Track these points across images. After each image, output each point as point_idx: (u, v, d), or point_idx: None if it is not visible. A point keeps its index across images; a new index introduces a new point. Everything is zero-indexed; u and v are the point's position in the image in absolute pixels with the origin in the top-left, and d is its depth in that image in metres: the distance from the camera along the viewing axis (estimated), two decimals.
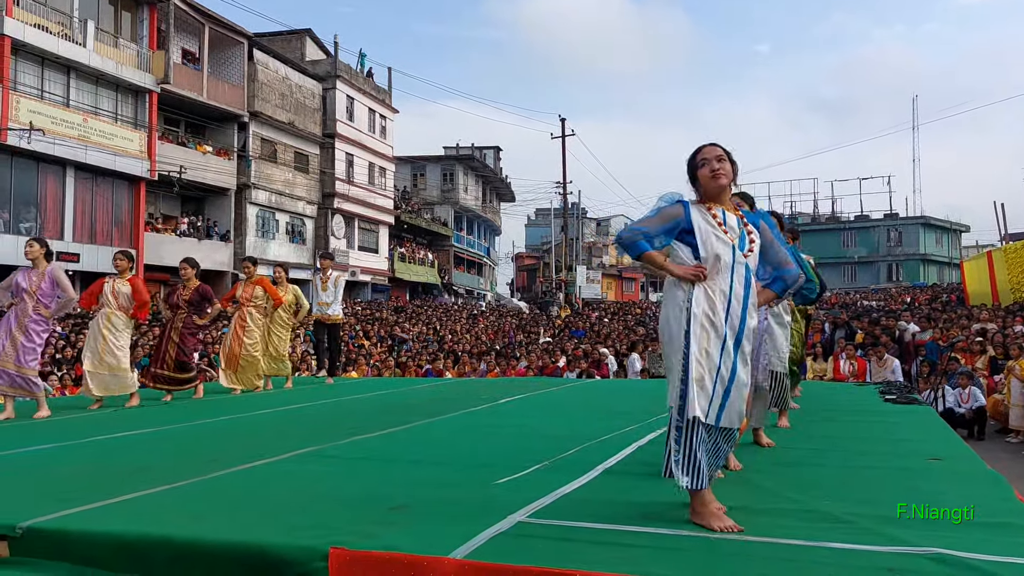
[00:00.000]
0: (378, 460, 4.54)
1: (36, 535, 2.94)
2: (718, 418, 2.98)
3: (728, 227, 3.12)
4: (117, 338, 7.61)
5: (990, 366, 12.00)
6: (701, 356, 2.98)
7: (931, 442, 5.01)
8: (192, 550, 2.76)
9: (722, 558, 2.57)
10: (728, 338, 3.01)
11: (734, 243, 3.09)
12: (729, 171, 3.17)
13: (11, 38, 21.21)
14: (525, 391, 8.68)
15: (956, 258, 51.78)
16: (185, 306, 8.27)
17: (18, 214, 22.45)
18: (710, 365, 2.97)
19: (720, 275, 3.06)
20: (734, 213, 3.19)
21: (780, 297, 3.36)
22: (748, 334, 3.07)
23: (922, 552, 2.58)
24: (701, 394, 2.95)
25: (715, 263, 3.07)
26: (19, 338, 6.80)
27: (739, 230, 3.14)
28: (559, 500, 3.37)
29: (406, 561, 2.54)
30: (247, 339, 9.09)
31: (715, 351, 2.99)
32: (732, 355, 3.01)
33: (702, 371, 2.97)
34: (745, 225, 3.17)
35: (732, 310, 3.03)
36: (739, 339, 3.04)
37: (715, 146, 3.21)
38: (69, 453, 4.91)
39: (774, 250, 3.21)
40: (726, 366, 2.99)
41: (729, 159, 3.20)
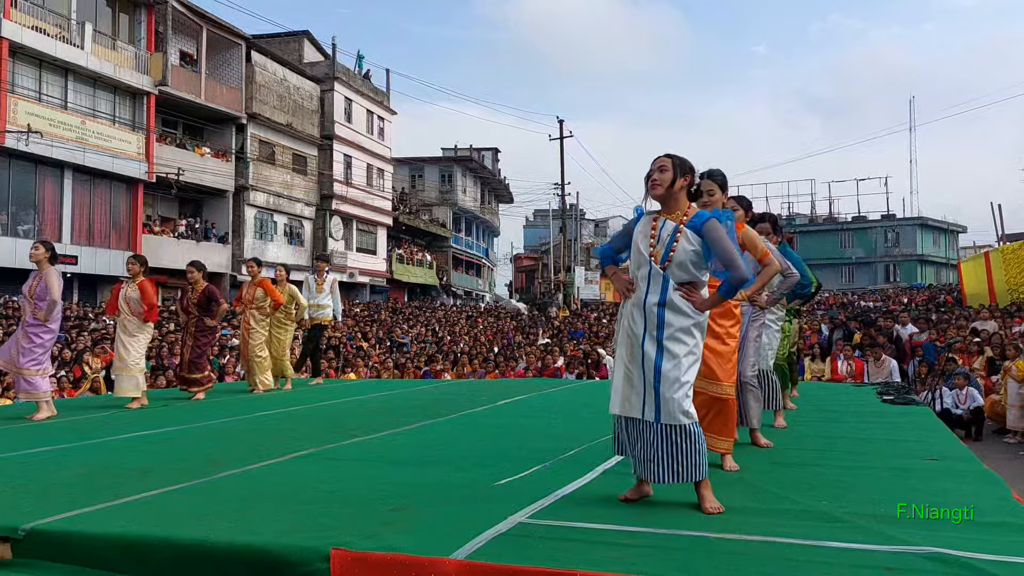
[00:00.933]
0: (379, 461, 4.56)
1: (39, 537, 2.96)
2: (657, 416, 3.21)
3: (660, 238, 3.29)
4: (128, 342, 7.75)
5: (988, 367, 12.02)
6: (627, 359, 3.32)
7: (929, 442, 5.04)
8: (195, 551, 2.77)
9: (721, 558, 2.59)
10: (647, 342, 3.24)
11: (655, 254, 3.27)
12: (665, 180, 3.31)
13: (9, 40, 21.21)
14: (524, 392, 8.70)
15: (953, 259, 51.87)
16: (194, 309, 8.48)
17: (16, 216, 22.43)
18: (635, 366, 3.28)
19: (640, 285, 3.32)
20: (677, 221, 3.29)
21: (727, 299, 3.42)
22: (672, 335, 3.21)
23: (919, 551, 2.60)
24: (628, 394, 3.30)
25: (636, 275, 3.34)
26: (22, 341, 6.91)
27: (668, 240, 3.26)
28: (559, 500, 3.40)
29: (407, 562, 2.56)
30: (252, 340, 9.29)
31: (638, 353, 3.27)
32: (654, 356, 3.22)
33: (629, 373, 3.31)
34: (679, 232, 3.25)
35: (649, 316, 3.25)
36: (660, 341, 3.22)
37: (662, 157, 3.38)
38: (71, 455, 4.92)
39: (716, 248, 3.25)
40: (649, 367, 3.22)
41: (675, 169, 3.31)
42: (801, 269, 5.46)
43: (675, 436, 3.19)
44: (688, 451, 3.19)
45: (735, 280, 3.24)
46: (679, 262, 3.24)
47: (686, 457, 3.19)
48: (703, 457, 3.21)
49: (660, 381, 3.19)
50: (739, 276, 3.23)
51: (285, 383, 9.84)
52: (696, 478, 3.20)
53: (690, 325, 3.24)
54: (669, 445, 3.20)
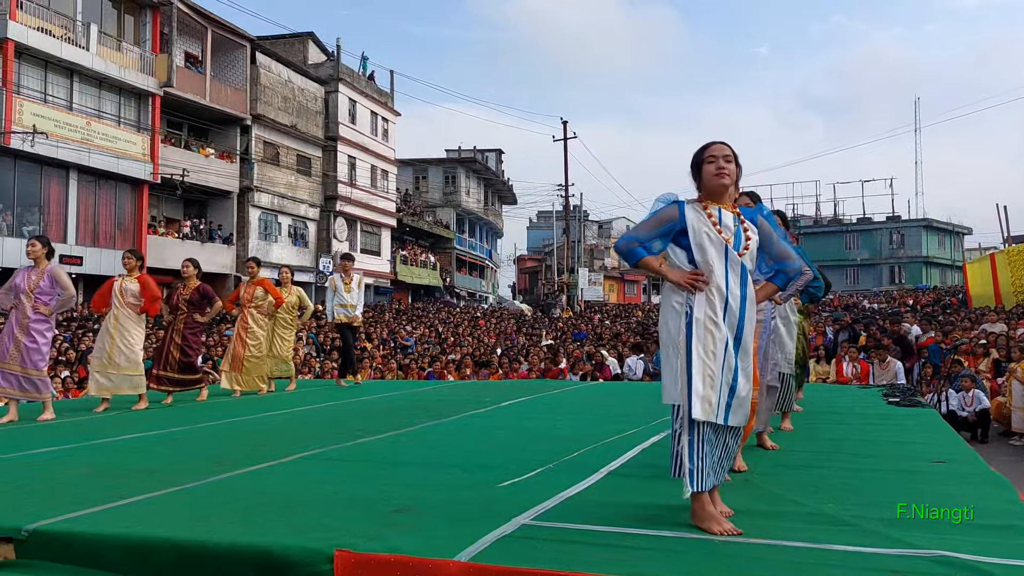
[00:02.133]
0: (382, 462, 4.55)
1: (42, 538, 2.95)
2: (726, 417, 3.00)
3: (723, 226, 3.11)
4: (126, 336, 7.59)
5: (994, 368, 11.98)
6: (708, 358, 3.00)
7: (935, 444, 5.01)
8: (198, 552, 2.76)
9: (725, 561, 2.58)
10: (729, 338, 3.04)
11: (728, 242, 3.08)
12: (734, 172, 3.17)
13: (14, 42, 21.26)
14: (528, 394, 8.69)
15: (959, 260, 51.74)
16: (185, 306, 8.25)
17: (22, 217, 22.49)
18: (716, 366, 3.00)
19: (716, 275, 3.06)
20: (731, 211, 3.17)
21: (782, 290, 3.34)
22: (748, 331, 3.08)
23: (926, 555, 2.58)
24: (707, 395, 2.96)
25: (710, 264, 3.07)
26: (22, 339, 6.72)
27: (735, 228, 3.12)
28: (563, 503, 3.38)
29: (411, 563, 2.55)
30: (250, 341, 9.09)
31: (720, 351, 3.01)
32: (734, 354, 3.04)
33: (709, 372, 2.99)
34: (742, 223, 3.15)
35: (730, 309, 3.05)
36: (739, 337, 3.06)
37: (724, 145, 3.21)
38: (74, 456, 4.91)
39: (774, 244, 3.20)
40: (729, 365, 3.01)
41: (736, 161, 3.20)
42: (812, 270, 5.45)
43: (730, 439, 3.09)
44: (732, 453, 3.14)
45: (792, 270, 3.19)
46: (752, 252, 3.13)
47: (728, 461, 3.13)
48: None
49: (737, 381, 3.02)
50: (797, 266, 3.19)
51: (288, 384, 9.82)
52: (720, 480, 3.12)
53: (758, 320, 3.19)
54: (726, 449, 3.08)
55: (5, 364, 6.74)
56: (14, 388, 6.75)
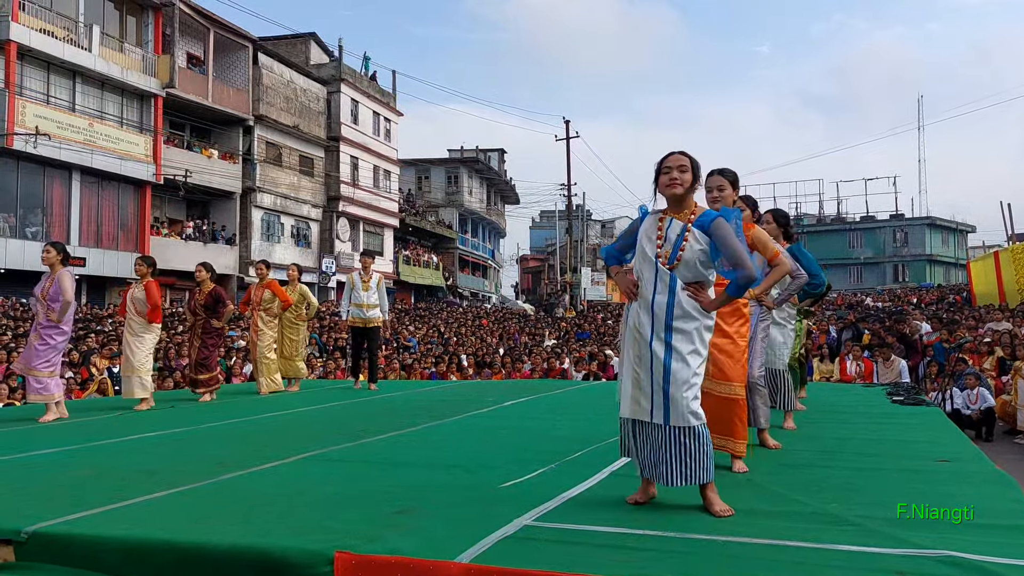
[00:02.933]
0: (384, 463, 4.53)
1: (42, 540, 2.94)
2: (665, 418, 3.16)
3: (666, 238, 3.24)
4: (134, 343, 7.77)
5: (998, 367, 11.93)
6: (635, 362, 3.26)
7: (939, 443, 4.98)
8: (198, 554, 2.75)
9: (729, 561, 2.55)
10: (655, 343, 3.19)
11: (662, 255, 3.22)
12: (687, 181, 3.25)
13: (17, 43, 21.30)
14: (530, 393, 8.67)
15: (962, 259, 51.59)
16: (201, 310, 8.47)
17: (25, 219, 22.53)
18: (643, 369, 3.22)
19: (646, 285, 3.26)
20: (684, 220, 3.24)
21: (733, 298, 3.36)
22: (680, 336, 3.17)
23: (932, 555, 2.56)
24: (635, 395, 3.26)
25: (642, 275, 3.28)
26: (35, 343, 6.89)
27: (675, 240, 3.21)
28: (565, 503, 3.36)
29: (412, 565, 2.53)
30: (260, 342, 9.26)
31: (645, 356, 3.21)
32: (663, 357, 3.17)
33: (635, 375, 3.26)
34: (688, 231, 3.21)
35: (657, 317, 3.21)
36: (668, 342, 3.18)
37: (680, 155, 3.30)
38: (74, 457, 4.91)
39: (726, 247, 3.20)
40: (658, 368, 3.17)
41: (693, 171, 3.27)
42: (815, 269, 5.44)
43: (684, 438, 3.15)
44: (696, 453, 3.15)
45: (743, 279, 3.19)
46: (687, 262, 3.19)
47: (694, 459, 3.14)
48: (711, 459, 3.17)
49: (669, 382, 3.15)
50: (747, 275, 3.19)
51: (290, 384, 9.81)
52: (704, 480, 3.16)
53: (699, 326, 3.19)
54: (678, 447, 3.15)
55: (24, 367, 6.96)
56: (29, 390, 6.90)
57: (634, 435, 3.32)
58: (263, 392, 9.14)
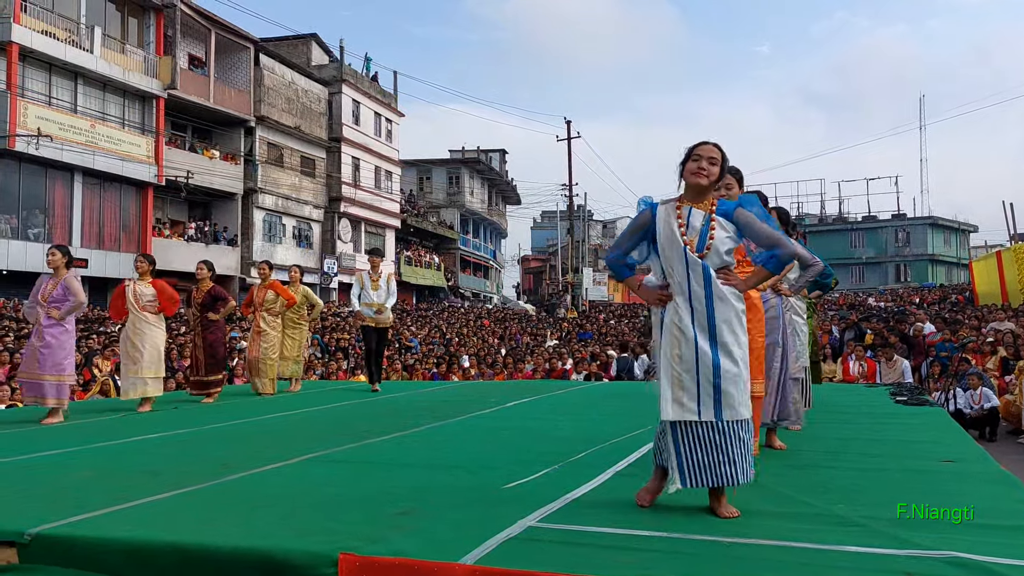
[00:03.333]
0: (387, 464, 4.52)
1: (45, 542, 2.93)
2: (717, 414, 3.05)
3: (689, 227, 3.13)
4: (145, 341, 7.60)
5: (1002, 367, 11.91)
6: (675, 361, 3.11)
7: (943, 444, 4.97)
8: (201, 555, 2.74)
9: (735, 563, 2.54)
10: (700, 338, 3.07)
11: (689, 244, 3.11)
12: (713, 173, 3.17)
13: (19, 45, 21.32)
14: (532, 394, 8.65)
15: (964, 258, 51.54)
16: (198, 309, 8.41)
17: (27, 220, 22.54)
18: (684, 368, 3.09)
19: (678, 279, 3.13)
20: (704, 210, 3.17)
21: (773, 275, 3.29)
22: (725, 329, 3.08)
23: (939, 556, 2.55)
24: (676, 396, 3.10)
25: (672, 268, 3.15)
26: (37, 345, 6.82)
27: (700, 229, 3.13)
28: (569, 504, 3.35)
29: (415, 567, 2.52)
30: (263, 343, 9.17)
31: (688, 354, 3.08)
32: (709, 351, 3.06)
33: (676, 374, 3.10)
34: (713, 220, 3.14)
35: (697, 311, 3.10)
36: (713, 334, 3.08)
37: (714, 147, 3.22)
38: (77, 459, 4.90)
39: (756, 232, 3.14)
40: (705, 363, 3.05)
41: (721, 165, 3.20)
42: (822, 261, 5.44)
43: (740, 431, 3.09)
44: (749, 447, 3.10)
45: (785, 256, 3.14)
46: (716, 249, 3.12)
47: (747, 454, 3.09)
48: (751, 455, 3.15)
49: (720, 377, 3.04)
50: (789, 250, 3.14)
51: (290, 384, 9.80)
52: (748, 478, 3.09)
53: (738, 312, 3.12)
54: (737, 441, 3.07)
55: (23, 372, 6.96)
56: (33, 395, 6.85)
57: (679, 440, 3.12)
58: (262, 392, 9.09)
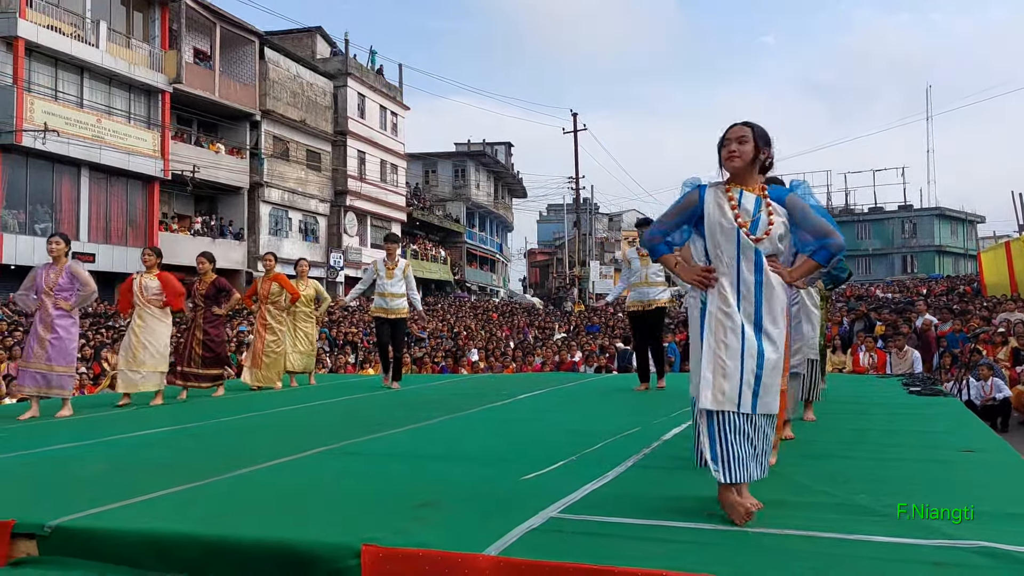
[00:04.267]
0: (403, 456, 4.50)
1: (65, 534, 2.92)
2: (753, 406, 2.92)
3: (742, 209, 3.00)
4: (148, 334, 7.52)
5: (1013, 357, 11.84)
6: (719, 349, 2.94)
7: (960, 433, 4.94)
8: (223, 547, 2.73)
9: (764, 553, 2.51)
10: (747, 326, 2.95)
11: (744, 227, 2.97)
12: (746, 152, 3.03)
13: (24, 40, 21.31)
14: (543, 386, 8.63)
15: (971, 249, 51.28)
16: (202, 301, 8.23)
17: (34, 215, 22.58)
18: (729, 356, 2.92)
19: (728, 263, 2.99)
20: (757, 193, 3.05)
21: (824, 267, 3.16)
22: (768, 318, 2.97)
23: (968, 546, 2.52)
24: (719, 385, 2.92)
25: (722, 253, 3.01)
26: (46, 337, 6.73)
27: (754, 212, 3.00)
28: (590, 495, 3.32)
29: (440, 558, 2.50)
30: (268, 336, 9.08)
31: (734, 342, 2.93)
32: (755, 340, 2.94)
33: (720, 363, 2.93)
34: (767, 205, 3.02)
35: (744, 297, 2.97)
36: (759, 323, 2.96)
37: (741, 126, 3.08)
38: (93, 452, 4.89)
39: (809, 219, 3.05)
40: (750, 354, 2.92)
41: (756, 140, 3.06)
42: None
43: (767, 426, 3.00)
44: (770, 442, 3.04)
45: (835, 247, 3.03)
46: (773, 236, 3.00)
47: (767, 449, 3.01)
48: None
49: (763, 368, 2.92)
50: (838, 242, 3.04)
51: (309, 378, 9.78)
52: (765, 473, 3.01)
53: (785, 303, 3.04)
54: (763, 436, 2.98)
55: (30, 364, 6.78)
56: (40, 386, 6.76)
57: (714, 429, 2.95)
58: (259, 386, 8.98)
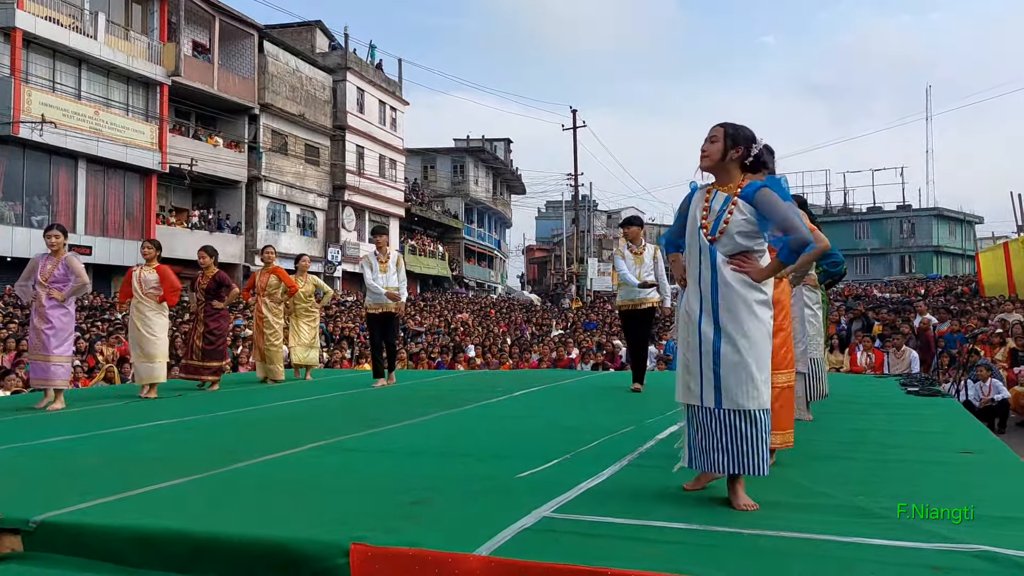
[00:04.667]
0: (397, 453, 4.46)
1: (51, 529, 2.88)
2: (717, 400, 3.04)
3: (711, 209, 3.11)
4: (147, 325, 7.61)
5: (1011, 358, 11.82)
6: (684, 347, 3.17)
7: (958, 434, 4.91)
8: (211, 544, 2.68)
9: (761, 555, 2.47)
10: (704, 322, 3.07)
11: (705, 227, 3.10)
12: (713, 151, 3.12)
13: (22, 30, 21.21)
14: (540, 383, 8.58)
15: (969, 250, 51.29)
16: (203, 295, 8.32)
17: (30, 207, 22.48)
18: (692, 353, 3.11)
19: (691, 264, 3.17)
20: (728, 191, 3.11)
21: (786, 264, 3.12)
22: (727, 315, 3.03)
23: (968, 549, 2.48)
24: (685, 380, 3.15)
25: (690, 253, 3.20)
26: (41, 327, 6.74)
27: (719, 211, 3.08)
28: (584, 494, 3.28)
29: (431, 558, 2.46)
30: (266, 330, 9.10)
31: (694, 339, 3.11)
32: (712, 338, 3.04)
33: (685, 360, 3.15)
34: (733, 203, 3.06)
35: (703, 295, 3.10)
36: (717, 321, 3.04)
37: (715, 126, 3.18)
38: (83, 445, 4.85)
39: (774, 215, 3.02)
40: (707, 349, 3.05)
41: (726, 139, 3.11)
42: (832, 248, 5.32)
43: (738, 421, 3.01)
44: (753, 439, 3.01)
45: (795, 243, 3.00)
46: (730, 233, 3.05)
47: (750, 446, 3.00)
48: (767, 449, 3.04)
49: (720, 364, 3.01)
50: (800, 238, 3.00)
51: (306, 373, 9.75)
52: (760, 472, 3.00)
53: (749, 300, 3.01)
54: (732, 431, 3.01)
55: (34, 355, 6.83)
56: (42, 378, 6.77)
57: (689, 421, 3.20)
58: (272, 380, 9.02)
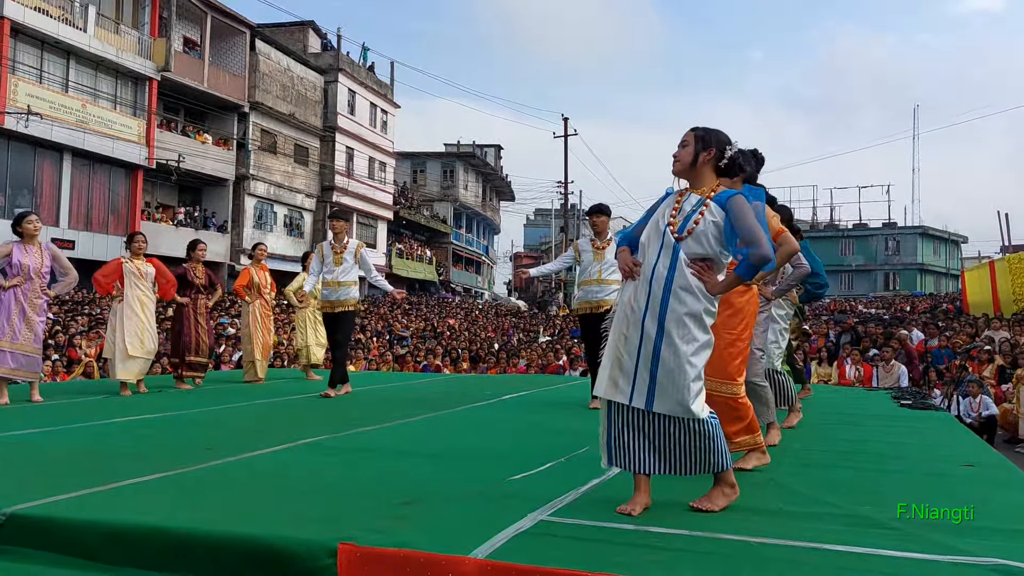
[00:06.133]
0: (383, 453, 4.33)
1: (20, 522, 2.74)
2: (648, 403, 2.91)
3: (681, 210, 3.03)
4: (148, 317, 7.47)
5: (998, 375, 11.82)
6: (619, 340, 3.00)
7: (957, 447, 4.84)
8: (189, 542, 2.55)
9: (768, 564, 2.36)
10: (648, 320, 2.92)
11: (673, 226, 3.00)
12: (683, 155, 3.10)
13: (10, 20, 20.93)
14: (528, 388, 8.48)
15: (954, 269, 51.68)
16: (203, 289, 8.18)
17: (13, 199, 22.15)
18: (627, 349, 2.96)
19: (647, 260, 3.02)
20: (702, 194, 3.04)
21: (743, 280, 3.02)
22: (674, 320, 2.90)
23: (982, 563, 2.38)
24: (614, 375, 2.98)
25: (645, 247, 3.06)
26: (35, 319, 6.53)
27: (690, 212, 3.00)
28: (581, 498, 3.18)
29: (423, 560, 2.34)
30: (272, 326, 8.97)
31: (633, 335, 2.95)
32: (654, 337, 2.91)
33: (618, 354, 2.99)
34: (705, 206, 2.98)
35: (653, 294, 2.94)
36: (662, 323, 2.91)
37: (687, 132, 3.16)
38: (57, 438, 4.69)
39: (741, 224, 2.91)
40: (647, 348, 2.91)
41: (696, 142, 3.08)
42: (818, 268, 5.23)
43: (673, 428, 2.92)
44: (684, 444, 2.93)
45: (756, 258, 2.88)
46: (698, 235, 2.94)
47: (681, 451, 2.94)
48: (717, 455, 2.94)
49: (657, 366, 2.88)
50: (760, 254, 2.88)
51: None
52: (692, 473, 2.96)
53: (698, 309, 2.91)
54: (666, 436, 2.93)
55: (17, 344, 6.49)
56: (23, 368, 6.51)
57: (610, 418, 3.03)
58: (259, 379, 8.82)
